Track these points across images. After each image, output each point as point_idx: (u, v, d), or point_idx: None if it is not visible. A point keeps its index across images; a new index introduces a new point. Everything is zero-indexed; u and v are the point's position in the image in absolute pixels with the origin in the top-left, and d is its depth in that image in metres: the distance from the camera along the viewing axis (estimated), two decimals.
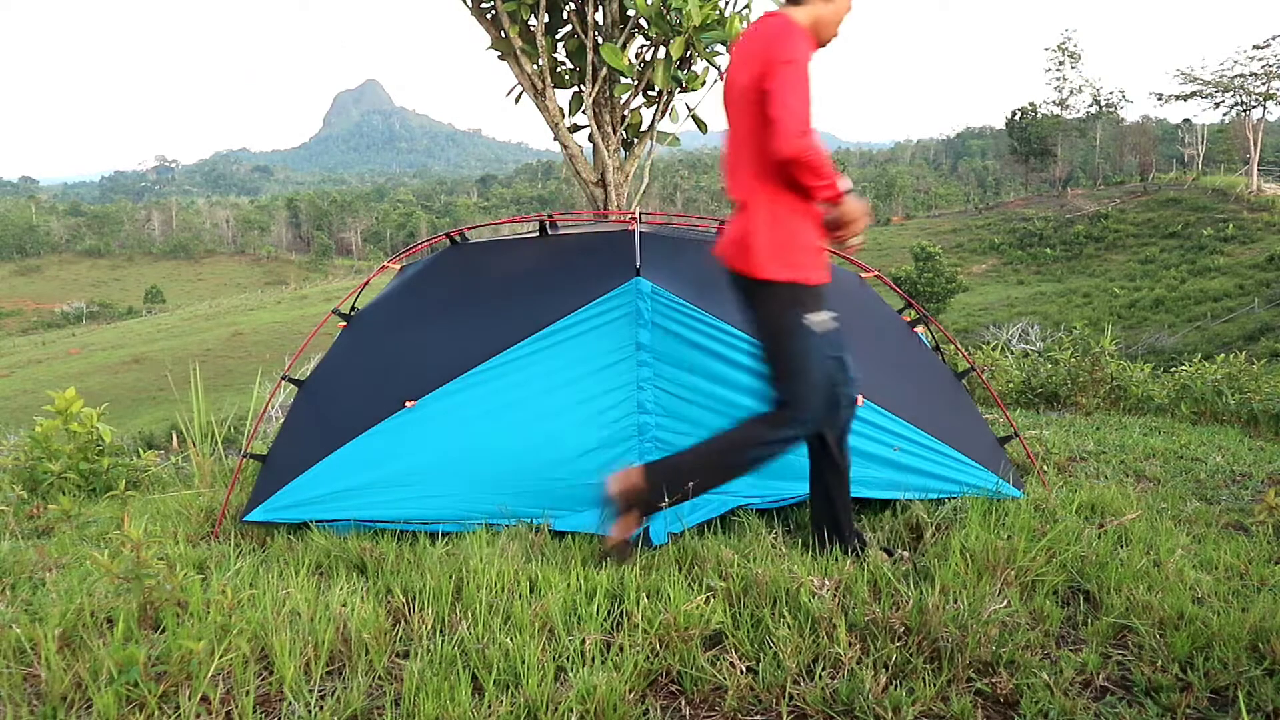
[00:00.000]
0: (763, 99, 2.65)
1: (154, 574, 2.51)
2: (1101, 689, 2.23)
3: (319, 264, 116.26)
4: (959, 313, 43.34)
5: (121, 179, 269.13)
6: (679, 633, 2.35)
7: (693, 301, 3.52)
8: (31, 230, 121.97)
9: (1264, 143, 62.17)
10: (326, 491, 3.49)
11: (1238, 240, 47.71)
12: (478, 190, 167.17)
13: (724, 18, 5.28)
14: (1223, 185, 57.23)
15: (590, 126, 5.78)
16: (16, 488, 4.65)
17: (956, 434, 3.72)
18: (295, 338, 54.34)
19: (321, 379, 3.95)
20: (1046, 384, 8.10)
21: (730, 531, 3.29)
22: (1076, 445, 4.97)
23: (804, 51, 2.67)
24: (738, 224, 2.88)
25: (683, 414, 3.47)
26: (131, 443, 9.01)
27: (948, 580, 2.63)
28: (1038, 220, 60.51)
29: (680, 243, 3.97)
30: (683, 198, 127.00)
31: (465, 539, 3.17)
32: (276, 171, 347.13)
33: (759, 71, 2.68)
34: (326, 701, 2.13)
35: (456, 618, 2.51)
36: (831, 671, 2.25)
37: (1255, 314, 35.48)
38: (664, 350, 3.48)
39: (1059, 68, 74.06)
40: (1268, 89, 55.26)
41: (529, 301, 3.68)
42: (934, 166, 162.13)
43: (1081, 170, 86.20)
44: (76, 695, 2.16)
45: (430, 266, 4.13)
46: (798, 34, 2.69)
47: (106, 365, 54.09)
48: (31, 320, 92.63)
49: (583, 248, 3.97)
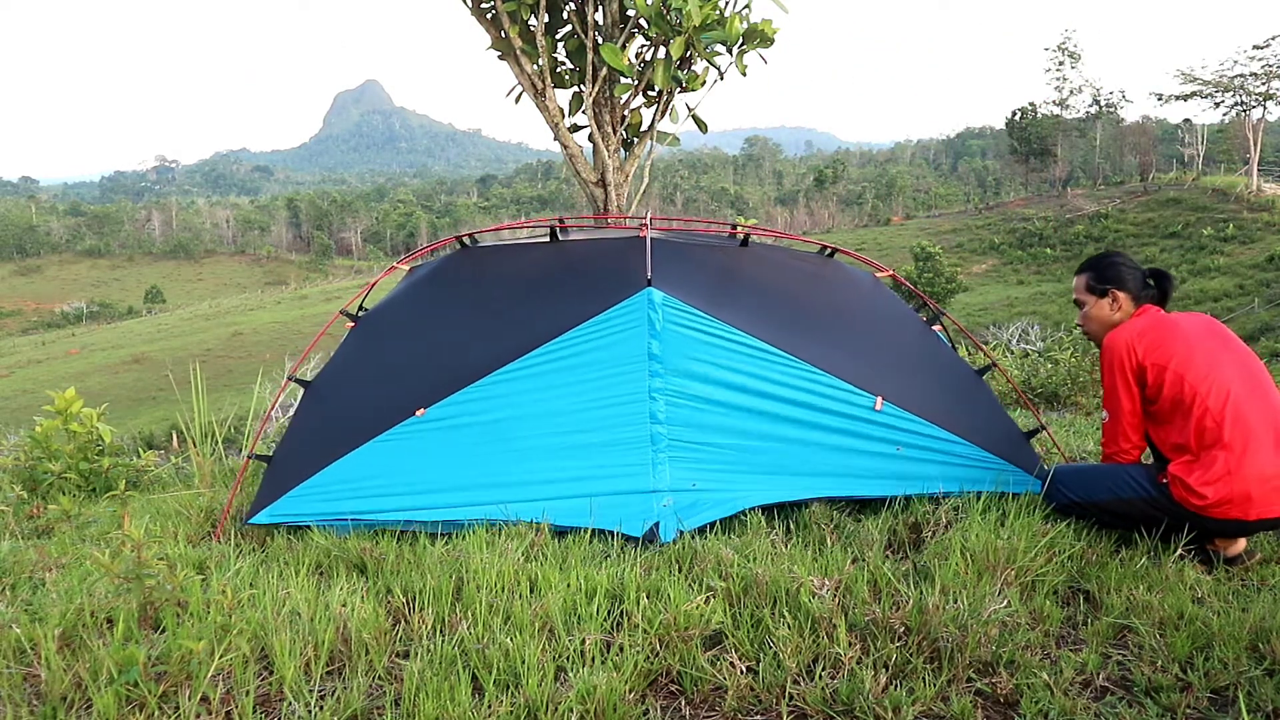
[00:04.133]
0: None
1: (154, 574, 2.51)
2: (1101, 689, 2.23)
3: (319, 264, 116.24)
4: (959, 313, 43.33)
5: (121, 179, 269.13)
6: (679, 633, 2.34)
7: (705, 309, 3.52)
8: (31, 230, 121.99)
9: (1264, 143, 62.16)
10: (335, 496, 3.48)
11: (1238, 240, 47.71)
12: (478, 190, 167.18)
13: (724, 18, 5.28)
14: (1223, 185, 57.23)
15: (590, 126, 5.78)
16: (16, 488, 4.66)
17: (979, 429, 3.71)
18: (295, 338, 54.35)
19: (329, 380, 3.93)
20: (1046, 384, 8.10)
21: (730, 531, 3.29)
22: (1077, 445, 4.96)
23: None
24: None
25: (695, 422, 3.48)
26: (131, 443, 9.02)
27: (948, 580, 2.64)
28: (1038, 220, 60.51)
29: (692, 248, 3.96)
30: (683, 198, 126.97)
31: (465, 539, 3.17)
32: (276, 171, 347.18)
33: None
34: (326, 701, 2.13)
35: (456, 618, 2.51)
36: (831, 671, 2.25)
37: (1255, 314, 35.48)
38: (676, 359, 3.48)
39: (1059, 68, 74.13)
40: (1268, 89, 55.25)
41: (540, 309, 3.69)
42: (934, 166, 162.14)
43: (1081, 170, 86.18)
44: (76, 695, 2.16)
45: (441, 269, 4.13)
46: None
47: (106, 365, 54.08)
48: (31, 320, 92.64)
49: (595, 255, 3.97)
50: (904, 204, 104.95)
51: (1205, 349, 2.99)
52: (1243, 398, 2.88)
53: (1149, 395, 3.06)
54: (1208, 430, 2.87)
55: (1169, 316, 3.13)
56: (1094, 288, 3.29)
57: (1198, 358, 2.96)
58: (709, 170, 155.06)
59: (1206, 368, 2.93)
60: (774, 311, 3.77)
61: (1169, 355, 2.98)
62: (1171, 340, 3.01)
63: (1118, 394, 3.11)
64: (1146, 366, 3.02)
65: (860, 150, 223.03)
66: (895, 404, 3.60)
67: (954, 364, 4.02)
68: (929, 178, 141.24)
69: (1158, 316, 3.14)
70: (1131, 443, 3.14)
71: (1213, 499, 2.83)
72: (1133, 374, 3.06)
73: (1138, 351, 3.04)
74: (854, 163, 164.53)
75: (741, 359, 3.53)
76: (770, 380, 3.54)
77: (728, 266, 3.93)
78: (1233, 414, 2.84)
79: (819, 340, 3.72)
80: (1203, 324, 3.11)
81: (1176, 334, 3.03)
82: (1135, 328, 3.10)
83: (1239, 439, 2.82)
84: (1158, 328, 3.07)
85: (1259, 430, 2.83)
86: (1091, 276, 3.31)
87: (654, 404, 3.45)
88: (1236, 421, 2.84)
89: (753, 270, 3.98)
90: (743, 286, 3.86)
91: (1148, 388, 3.04)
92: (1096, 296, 3.29)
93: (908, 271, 41.88)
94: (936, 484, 3.54)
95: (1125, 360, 3.07)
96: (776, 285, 3.97)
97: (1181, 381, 2.94)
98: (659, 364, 3.47)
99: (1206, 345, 3.00)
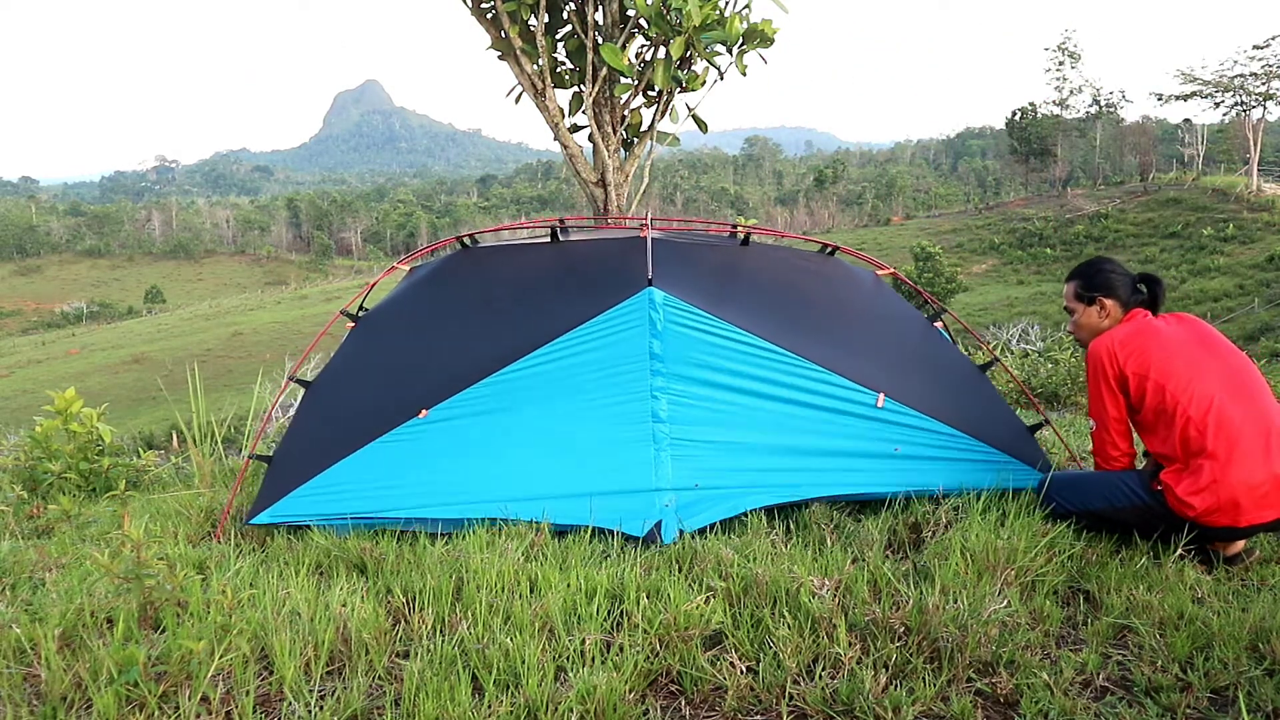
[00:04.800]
0: None
1: (154, 574, 2.51)
2: (1101, 689, 2.23)
3: (319, 264, 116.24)
4: (959, 313, 43.33)
5: (121, 179, 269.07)
6: (679, 633, 2.34)
7: (706, 308, 3.53)
8: (31, 230, 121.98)
9: (1264, 143, 62.14)
10: (337, 497, 3.48)
11: (1238, 240, 47.70)
12: (478, 190, 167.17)
13: (724, 18, 5.28)
14: (1223, 185, 57.22)
15: (590, 126, 5.78)
16: (16, 488, 4.65)
17: (982, 424, 3.71)
18: (295, 338, 54.34)
19: (330, 381, 3.93)
20: (1046, 384, 8.10)
21: (730, 531, 3.30)
22: (1076, 445, 4.97)
23: None
24: None
25: (697, 420, 3.48)
26: (131, 443, 9.02)
27: (948, 580, 2.63)
28: (1038, 220, 60.50)
29: (693, 248, 3.97)
30: (683, 198, 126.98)
31: (465, 539, 3.17)
32: (276, 171, 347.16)
33: None
34: (326, 701, 2.13)
35: (456, 618, 2.51)
36: (831, 671, 2.25)
37: (1255, 314, 35.48)
38: (677, 358, 3.49)
39: (1059, 68, 74.11)
40: (1268, 89, 55.23)
41: (542, 309, 3.69)
42: (934, 166, 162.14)
43: (1081, 170, 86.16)
44: (76, 695, 2.16)
45: (441, 269, 4.13)
46: None
47: (106, 365, 54.08)
48: (31, 320, 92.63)
49: (595, 256, 3.98)
50: (904, 204, 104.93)
51: (1186, 356, 2.96)
52: (1226, 404, 2.86)
53: (1133, 404, 3.05)
54: (1191, 439, 2.86)
55: (1152, 323, 3.10)
56: (1082, 295, 3.28)
57: (1178, 366, 2.94)
58: (709, 170, 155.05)
59: (1188, 376, 2.92)
60: (775, 310, 3.78)
61: (1149, 364, 2.97)
62: (1152, 348, 2.99)
63: (1103, 401, 3.11)
64: (1128, 375, 3.01)
65: (860, 150, 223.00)
66: (897, 400, 3.60)
67: (956, 360, 4.01)
68: (929, 178, 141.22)
69: (1141, 323, 3.11)
70: (1120, 450, 3.13)
71: (1201, 508, 2.82)
72: (1115, 381, 3.06)
73: (1119, 359, 3.03)
74: (854, 163, 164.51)
75: (743, 357, 3.54)
76: (772, 379, 3.55)
77: (728, 265, 3.93)
78: (1216, 422, 2.83)
79: (820, 338, 3.72)
80: (1186, 330, 3.08)
81: (1157, 342, 3.01)
82: (1117, 336, 3.09)
83: (1223, 447, 2.81)
84: (1139, 335, 3.05)
85: (1245, 437, 2.82)
86: (1080, 284, 3.29)
87: (655, 403, 3.46)
88: (1220, 429, 2.82)
89: (753, 269, 3.98)
90: (743, 285, 3.86)
91: (1131, 396, 3.04)
92: (1084, 304, 3.28)
93: (908, 271, 41.89)
94: (939, 479, 3.54)
95: (1107, 368, 3.06)
96: (777, 284, 3.97)
97: (1163, 391, 2.92)
98: (660, 363, 3.48)
99: (1188, 352, 2.98)
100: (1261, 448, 2.81)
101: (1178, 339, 3.02)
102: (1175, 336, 3.03)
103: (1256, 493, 2.78)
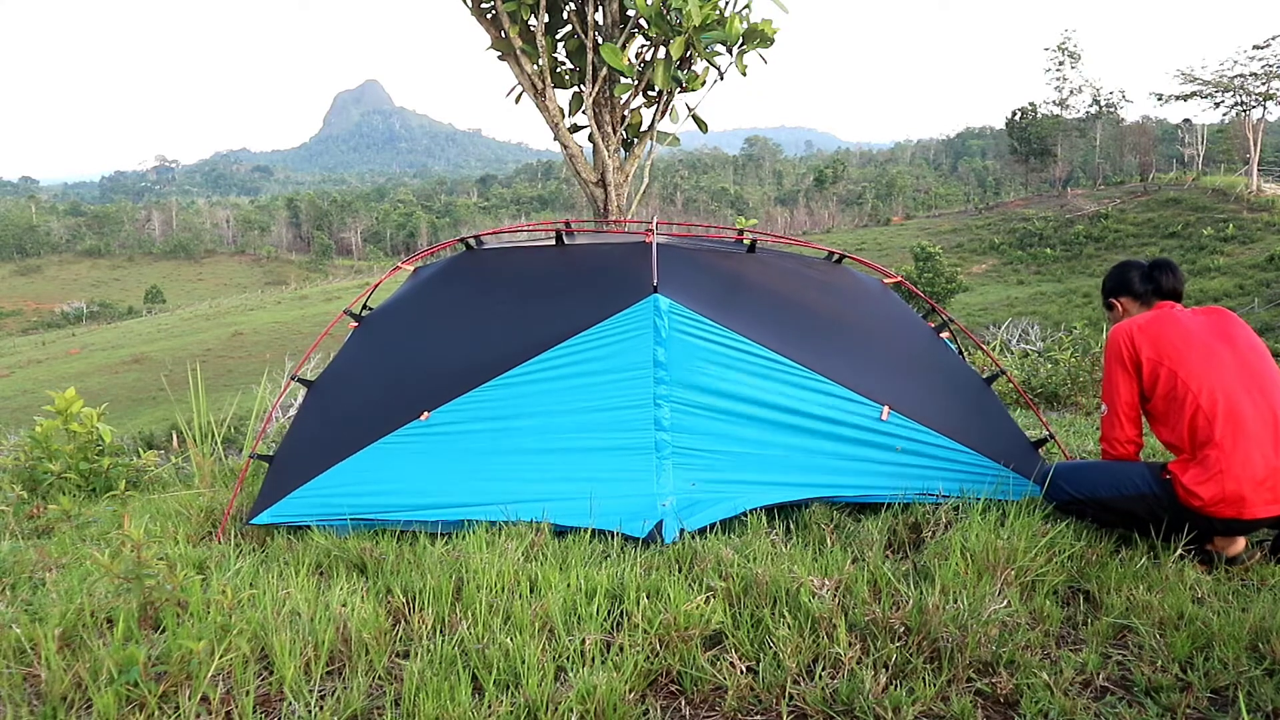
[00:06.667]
0: None
1: (154, 574, 2.51)
2: (1101, 689, 2.23)
3: (319, 264, 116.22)
4: (959, 313, 43.34)
5: (121, 179, 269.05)
6: (679, 633, 2.35)
7: (711, 316, 3.52)
8: (31, 230, 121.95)
9: (1264, 143, 62.12)
10: (338, 498, 3.48)
11: (1238, 240, 47.70)
12: (478, 190, 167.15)
13: (724, 18, 5.28)
14: (1223, 185, 57.20)
15: (590, 126, 5.79)
16: (16, 488, 4.65)
17: (986, 439, 3.68)
18: (296, 338, 54.33)
19: (332, 381, 3.92)
20: (1046, 384, 8.09)
21: (730, 531, 3.30)
22: (1077, 445, 4.96)
23: None
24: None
25: (700, 430, 3.47)
26: (131, 443, 9.02)
27: (948, 580, 2.64)
28: (1038, 220, 60.50)
29: (699, 254, 3.95)
30: (683, 198, 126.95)
31: (465, 539, 3.17)
32: (276, 171, 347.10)
33: None
34: (326, 701, 2.13)
35: (456, 618, 2.51)
36: (831, 671, 2.25)
37: (1255, 314, 35.47)
38: (682, 366, 3.48)
39: (1059, 68, 74.14)
40: (1268, 89, 55.21)
41: (546, 314, 3.68)
42: (934, 166, 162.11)
43: (1081, 170, 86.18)
44: (76, 695, 2.16)
45: (445, 271, 4.12)
46: None
47: (106, 365, 54.08)
48: (31, 320, 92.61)
49: (601, 260, 3.96)
50: (904, 204, 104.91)
51: (1203, 346, 2.99)
52: (1238, 396, 2.87)
53: (1145, 391, 3.07)
54: (1200, 429, 2.87)
55: (1174, 313, 3.13)
56: (1105, 303, 3.47)
57: (1193, 355, 2.96)
58: (709, 170, 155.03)
59: (1202, 366, 2.93)
60: (781, 319, 3.76)
61: (1164, 350, 3.00)
62: (1169, 335, 3.03)
63: (1116, 383, 3.13)
64: (1143, 360, 3.04)
65: (860, 150, 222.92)
66: (902, 413, 3.58)
67: (962, 372, 4.00)
68: (929, 178, 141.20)
69: (1164, 312, 3.15)
70: (1128, 435, 3.14)
71: (1207, 498, 2.83)
72: (1130, 364, 3.08)
73: (1136, 343, 3.07)
74: (854, 163, 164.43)
75: (748, 367, 3.52)
76: (776, 389, 3.53)
77: (734, 273, 3.92)
78: (1225, 413, 2.84)
79: (826, 348, 3.70)
80: (1209, 320, 3.11)
81: (1176, 330, 3.04)
82: (1138, 322, 3.13)
83: (1230, 438, 2.82)
84: (1158, 322, 3.09)
85: (1255, 430, 2.83)
86: (1102, 294, 3.49)
87: (659, 411, 3.45)
88: (1229, 420, 2.84)
89: (759, 277, 3.96)
90: (749, 293, 3.84)
91: (1144, 382, 3.06)
92: (1108, 310, 3.46)
93: (908, 271, 41.89)
94: (939, 488, 3.54)
95: (1124, 350, 3.10)
96: (783, 292, 3.95)
97: (1175, 377, 2.95)
98: (665, 371, 3.47)
99: (1205, 343, 3.00)
100: (1269, 441, 2.82)
101: (1197, 329, 3.05)
102: (1194, 327, 3.06)
103: (1262, 485, 2.79)
